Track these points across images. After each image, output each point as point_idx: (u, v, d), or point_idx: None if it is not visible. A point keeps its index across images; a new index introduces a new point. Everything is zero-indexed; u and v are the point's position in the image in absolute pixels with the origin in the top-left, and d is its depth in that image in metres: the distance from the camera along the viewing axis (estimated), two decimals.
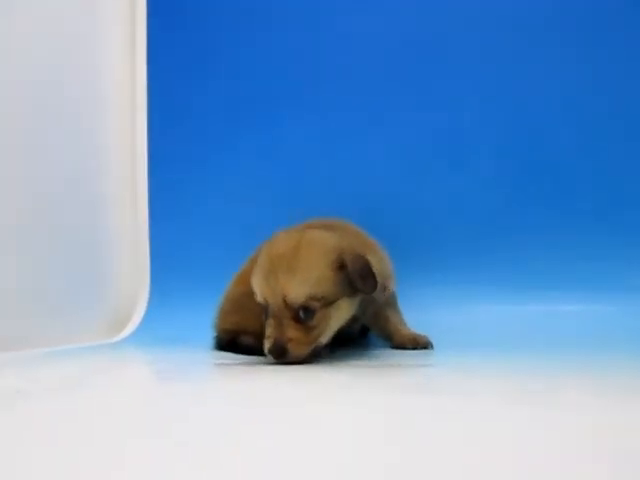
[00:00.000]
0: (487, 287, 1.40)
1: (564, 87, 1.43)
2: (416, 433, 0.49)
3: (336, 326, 0.96)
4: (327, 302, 0.92)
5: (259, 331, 0.96)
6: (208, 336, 1.19)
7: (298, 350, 0.90)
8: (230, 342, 1.13)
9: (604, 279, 1.33)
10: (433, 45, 1.51)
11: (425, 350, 1.09)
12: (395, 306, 1.17)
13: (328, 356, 1.00)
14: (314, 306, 0.90)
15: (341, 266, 0.92)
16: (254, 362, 0.96)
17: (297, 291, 0.90)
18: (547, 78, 1.43)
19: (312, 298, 0.90)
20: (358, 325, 1.16)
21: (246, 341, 1.07)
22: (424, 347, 1.10)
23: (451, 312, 1.36)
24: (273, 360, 0.91)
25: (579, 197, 1.40)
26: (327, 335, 0.94)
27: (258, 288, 0.94)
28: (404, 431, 0.50)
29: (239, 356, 1.06)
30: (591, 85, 1.41)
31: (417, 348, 1.10)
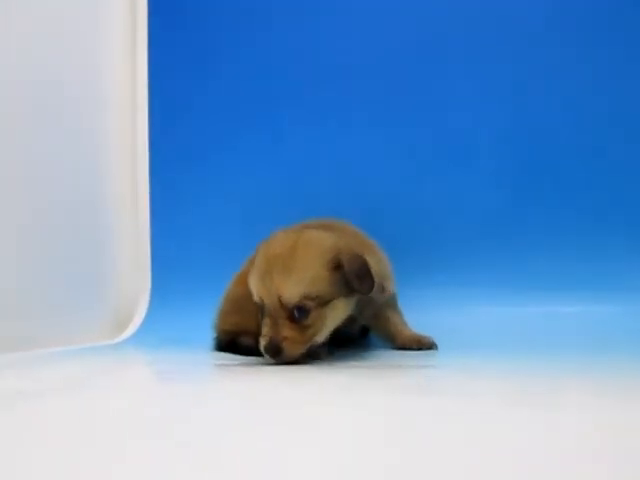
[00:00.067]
0: (487, 288, 1.40)
1: (564, 87, 1.43)
2: (416, 434, 0.49)
3: (332, 326, 0.96)
4: (322, 302, 0.92)
5: (258, 332, 0.96)
6: (209, 337, 1.19)
7: (293, 349, 0.91)
8: (230, 343, 1.13)
9: (604, 280, 1.33)
10: (433, 45, 1.51)
11: (428, 351, 1.09)
12: (395, 307, 1.17)
13: (328, 357, 1.00)
14: (309, 306, 0.91)
15: (337, 266, 0.92)
16: (254, 363, 0.96)
17: (292, 291, 0.90)
18: (547, 78, 1.43)
19: (307, 298, 0.90)
20: (358, 326, 1.16)
21: (246, 342, 1.07)
22: (429, 348, 1.10)
23: (451, 313, 1.36)
24: (270, 359, 0.91)
25: (579, 197, 1.40)
26: (323, 334, 0.95)
27: (254, 288, 0.95)
28: (404, 433, 0.50)
29: (239, 357, 1.06)
30: (591, 85, 1.41)
31: (422, 349, 1.10)
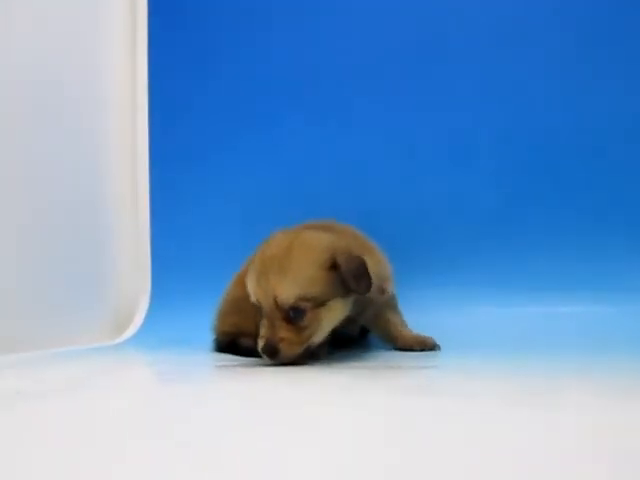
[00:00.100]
0: (487, 288, 1.40)
1: (564, 87, 1.43)
2: (416, 435, 0.49)
3: (329, 326, 0.96)
4: (318, 303, 0.92)
5: (258, 332, 0.96)
6: (209, 337, 1.19)
7: (290, 350, 0.91)
8: (230, 344, 1.13)
9: (604, 280, 1.33)
10: (433, 45, 1.51)
11: (430, 352, 1.09)
12: (395, 308, 1.17)
13: (327, 358, 1.00)
14: (304, 306, 0.91)
15: (333, 266, 0.92)
16: (254, 363, 0.96)
17: (287, 292, 0.90)
18: (547, 78, 1.43)
19: (302, 299, 0.91)
20: (357, 327, 1.16)
21: (245, 343, 1.07)
22: (431, 349, 1.10)
23: (451, 314, 1.36)
24: (268, 360, 0.92)
25: (579, 197, 1.40)
26: (319, 335, 0.95)
27: (251, 289, 0.96)
28: (404, 433, 0.50)
29: (239, 358, 1.06)
30: (591, 85, 1.41)
31: (424, 350, 1.10)
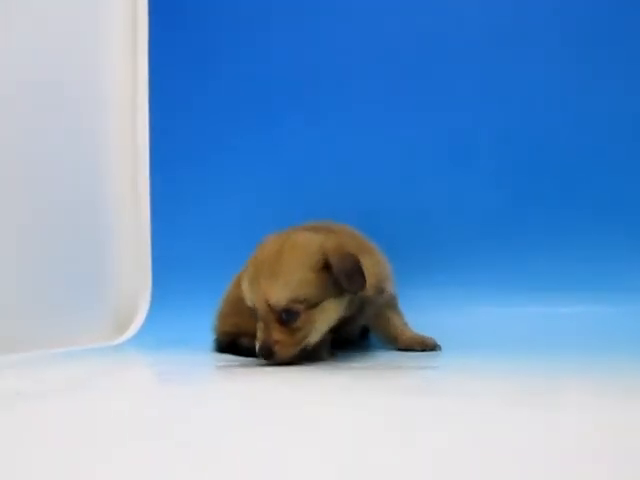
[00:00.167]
0: (487, 288, 1.40)
1: (564, 87, 1.43)
2: (416, 435, 0.49)
3: (324, 327, 0.96)
4: (311, 304, 0.93)
5: None
6: (209, 338, 1.20)
7: (285, 351, 0.92)
8: (230, 344, 1.13)
9: (605, 280, 1.33)
10: (433, 45, 1.51)
11: (430, 352, 1.09)
12: (396, 308, 1.17)
13: (330, 358, 1.00)
14: (297, 308, 0.92)
15: (326, 267, 0.93)
16: (254, 364, 0.96)
17: (278, 295, 0.91)
18: (547, 78, 1.43)
19: (294, 301, 0.91)
20: (358, 327, 1.16)
21: (246, 343, 1.07)
22: (432, 349, 1.10)
23: (451, 314, 1.36)
24: (266, 361, 0.93)
25: (580, 198, 1.40)
26: (314, 336, 0.95)
27: (246, 293, 0.97)
28: (404, 433, 0.50)
29: (239, 358, 1.06)
30: (591, 85, 1.41)
31: (425, 350, 1.10)
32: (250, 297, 0.95)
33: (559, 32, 1.43)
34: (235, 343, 1.11)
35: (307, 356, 0.97)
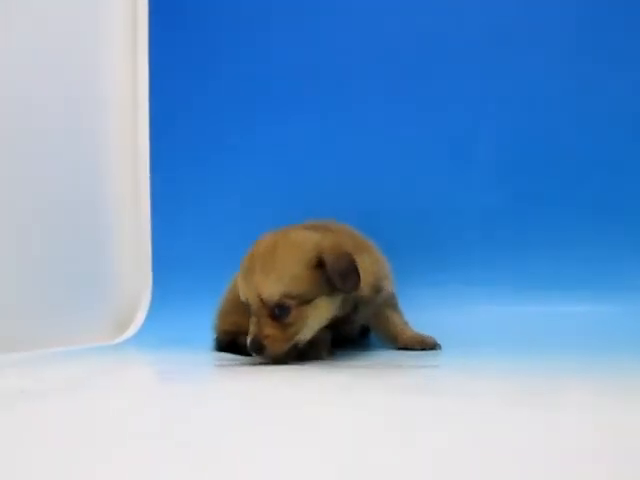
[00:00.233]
0: (487, 288, 1.40)
1: (564, 87, 1.42)
2: (416, 434, 0.49)
3: (315, 324, 0.96)
4: (303, 300, 0.93)
5: None
6: (209, 337, 1.20)
7: (275, 346, 0.93)
8: (230, 343, 1.13)
9: (605, 279, 1.33)
10: (433, 45, 1.51)
11: (430, 351, 1.09)
12: (396, 307, 1.17)
13: (330, 357, 1.00)
14: (289, 304, 0.92)
15: (320, 265, 0.93)
16: (254, 363, 0.96)
17: (271, 289, 0.92)
18: (547, 78, 1.43)
19: (286, 296, 0.92)
20: (357, 326, 1.16)
21: (245, 342, 1.07)
22: (432, 348, 1.10)
23: (451, 313, 1.36)
24: (260, 358, 0.94)
25: (579, 198, 1.40)
26: (306, 333, 0.95)
27: (240, 287, 0.97)
28: (404, 433, 0.50)
29: (239, 357, 1.06)
30: (591, 85, 1.41)
31: (425, 349, 1.10)
32: (243, 291, 0.96)
33: (559, 32, 1.43)
34: (235, 342, 1.11)
35: (307, 355, 0.97)
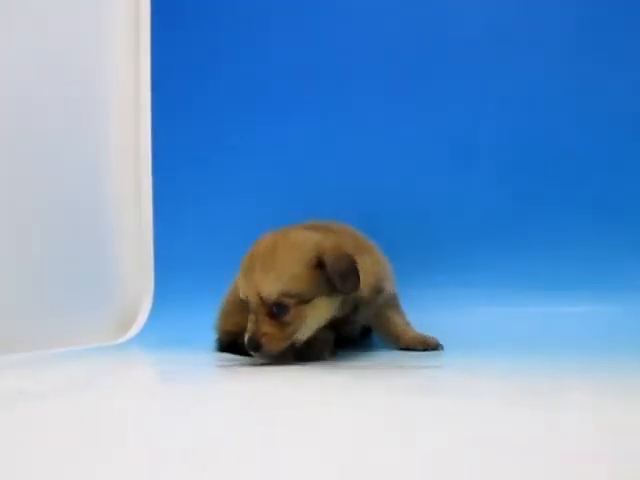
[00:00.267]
0: (487, 288, 1.40)
1: (564, 87, 1.42)
2: (416, 434, 0.49)
3: (313, 324, 0.97)
4: (302, 300, 0.93)
5: None
6: (211, 337, 1.20)
7: (272, 345, 0.93)
8: (231, 343, 1.13)
9: (606, 280, 1.33)
10: (433, 45, 1.51)
11: (433, 351, 1.09)
12: (397, 308, 1.17)
13: (332, 357, 1.01)
14: (287, 303, 0.92)
15: (319, 265, 0.93)
16: (255, 363, 0.96)
17: (270, 288, 0.92)
18: (547, 78, 1.43)
19: (285, 295, 0.92)
20: (358, 326, 1.16)
21: None
22: (434, 348, 1.10)
23: (452, 313, 1.36)
24: (259, 357, 0.94)
25: (579, 198, 1.40)
26: (303, 332, 0.96)
27: (240, 285, 0.98)
28: (404, 433, 0.50)
29: (240, 357, 1.06)
30: (591, 85, 1.41)
31: (427, 349, 1.10)
32: (243, 289, 0.97)
33: (559, 32, 1.43)
34: (236, 342, 1.11)
35: (309, 355, 0.97)
